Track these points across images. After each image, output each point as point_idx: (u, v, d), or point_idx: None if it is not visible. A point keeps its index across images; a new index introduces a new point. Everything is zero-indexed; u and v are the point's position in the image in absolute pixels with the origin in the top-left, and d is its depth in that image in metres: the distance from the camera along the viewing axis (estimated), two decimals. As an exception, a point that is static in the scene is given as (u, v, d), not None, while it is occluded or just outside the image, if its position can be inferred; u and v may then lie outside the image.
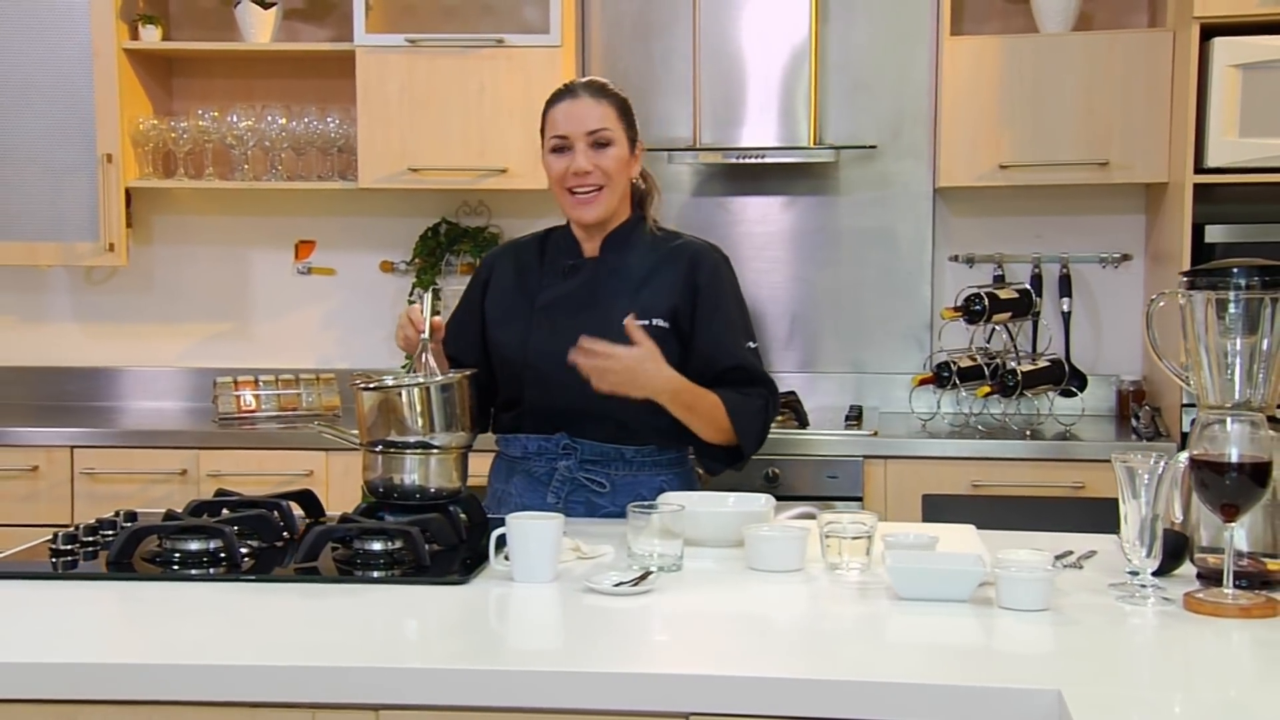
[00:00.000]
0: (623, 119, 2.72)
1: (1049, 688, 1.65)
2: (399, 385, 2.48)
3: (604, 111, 2.69)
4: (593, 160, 2.67)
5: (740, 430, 2.67)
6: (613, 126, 2.69)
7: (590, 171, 2.67)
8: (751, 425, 2.70)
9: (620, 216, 2.77)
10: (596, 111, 2.68)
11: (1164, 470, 2.01)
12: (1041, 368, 4.09)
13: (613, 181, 2.69)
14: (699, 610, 2.07)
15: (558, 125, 2.69)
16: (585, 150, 2.67)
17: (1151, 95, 3.90)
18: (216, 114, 4.28)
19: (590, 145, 2.67)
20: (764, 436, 2.74)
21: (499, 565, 2.21)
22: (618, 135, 2.70)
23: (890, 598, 2.09)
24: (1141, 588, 2.04)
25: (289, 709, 1.77)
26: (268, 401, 4.25)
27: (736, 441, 2.69)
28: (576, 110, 2.69)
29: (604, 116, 2.69)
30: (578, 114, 2.68)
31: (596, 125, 2.67)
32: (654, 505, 2.32)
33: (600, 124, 2.68)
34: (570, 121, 2.68)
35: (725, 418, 2.65)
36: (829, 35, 4.33)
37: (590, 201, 2.69)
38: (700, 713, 1.73)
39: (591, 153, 2.67)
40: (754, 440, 2.71)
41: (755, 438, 2.71)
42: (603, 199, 2.70)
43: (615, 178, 2.70)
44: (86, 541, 2.34)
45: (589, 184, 2.68)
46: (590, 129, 2.67)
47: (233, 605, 2.06)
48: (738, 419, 2.66)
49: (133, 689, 1.76)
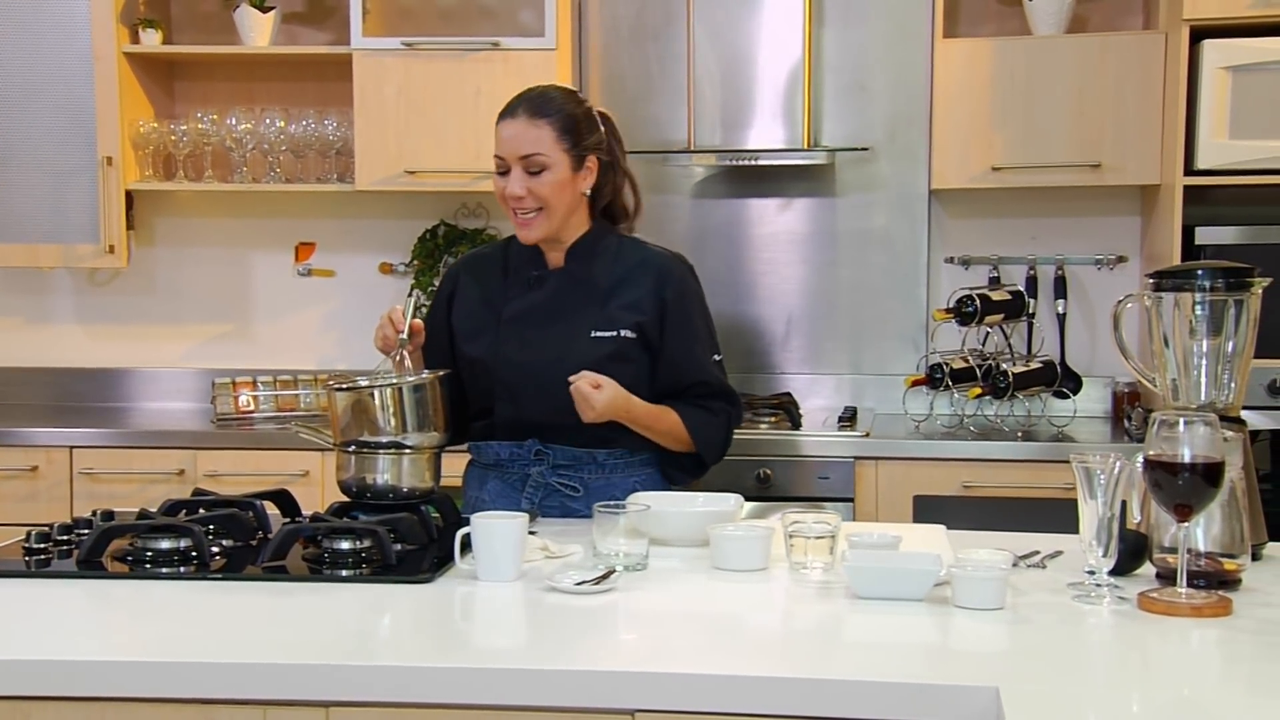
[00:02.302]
0: (564, 138, 2.64)
1: (987, 684, 1.66)
2: (371, 386, 2.51)
3: (539, 135, 2.62)
4: (526, 185, 2.64)
5: (701, 444, 2.74)
6: (548, 150, 2.63)
7: (523, 196, 2.64)
8: (714, 438, 2.76)
9: (578, 229, 2.74)
10: (530, 135, 2.62)
11: (1120, 471, 2.01)
12: (1034, 369, 4.09)
13: (551, 203, 2.66)
14: (660, 609, 2.09)
15: (498, 145, 2.67)
16: (520, 175, 2.64)
17: (1143, 97, 3.90)
18: (216, 117, 4.32)
19: (524, 170, 2.64)
20: (725, 448, 2.80)
21: (464, 564, 2.23)
22: (554, 159, 2.63)
23: (849, 597, 2.10)
24: (1097, 587, 2.05)
25: (241, 705, 1.79)
26: (266, 402, 4.29)
27: (699, 453, 2.75)
28: (511, 132, 2.65)
29: (537, 140, 2.62)
30: (511, 137, 2.64)
31: (529, 150, 2.62)
32: (621, 505, 2.34)
33: (533, 149, 2.62)
34: (505, 144, 2.65)
35: (685, 432, 2.72)
36: (824, 38, 4.34)
37: (529, 224, 2.68)
38: (647, 709, 1.75)
39: (526, 178, 2.64)
40: (715, 452, 2.78)
41: (717, 449, 2.78)
42: (541, 222, 2.67)
43: (552, 201, 2.66)
44: (60, 540, 2.37)
45: (525, 207, 2.66)
46: (523, 154, 2.63)
47: (199, 604, 2.09)
48: (698, 434, 2.73)
49: (86, 686, 1.79)
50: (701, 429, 2.73)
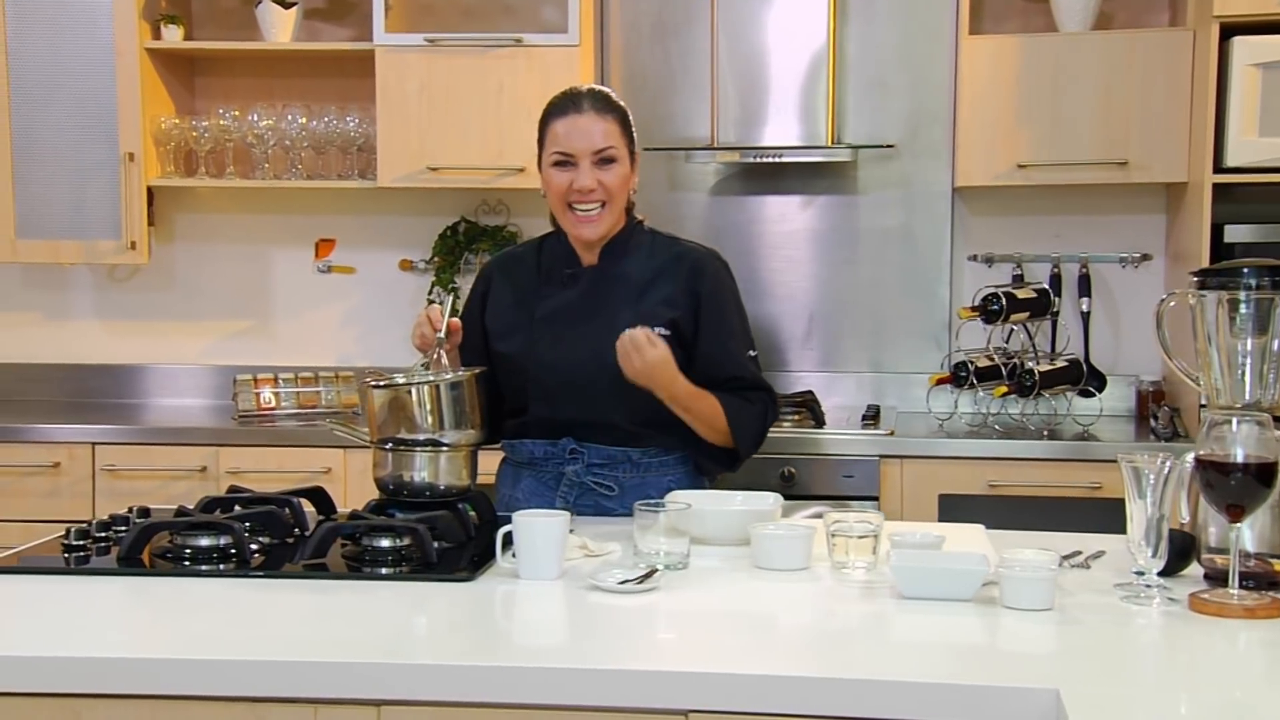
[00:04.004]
0: (625, 134, 2.67)
1: (1047, 687, 1.65)
2: (409, 383, 2.50)
3: (608, 128, 2.64)
4: (597, 177, 2.63)
5: (737, 433, 2.69)
6: (617, 144, 2.64)
7: (594, 189, 2.63)
8: (750, 427, 2.71)
9: (618, 226, 2.74)
10: (601, 128, 2.63)
11: (1170, 470, 2.00)
12: (1060, 368, 4.07)
13: (614, 199, 2.66)
14: (703, 608, 2.07)
15: (559, 141, 2.64)
16: (589, 168, 2.62)
17: (1171, 94, 3.89)
18: (237, 113, 4.31)
19: (595, 163, 2.63)
20: (760, 440, 2.76)
21: (505, 562, 2.22)
22: (621, 152, 2.65)
23: (895, 597, 2.09)
24: (1147, 588, 2.03)
25: (291, 704, 1.78)
26: (287, 399, 4.27)
27: (734, 444, 2.71)
28: (581, 126, 2.63)
29: (608, 133, 2.63)
30: (582, 130, 2.63)
31: (602, 143, 2.62)
32: (661, 503, 2.33)
33: (605, 141, 2.63)
34: (574, 139, 2.63)
35: (723, 419, 2.67)
36: (848, 34, 4.32)
37: (593, 219, 2.66)
38: (700, 710, 1.74)
39: (595, 170, 2.63)
40: (750, 441, 2.73)
41: (752, 439, 2.73)
42: (605, 217, 2.67)
43: (617, 195, 2.66)
44: (99, 537, 2.36)
45: (592, 200, 2.64)
46: (597, 147, 2.62)
47: (240, 601, 2.08)
48: (735, 420, 2.68)
49: (137, 684, 1.78)
50: (738, 415, 2.68)
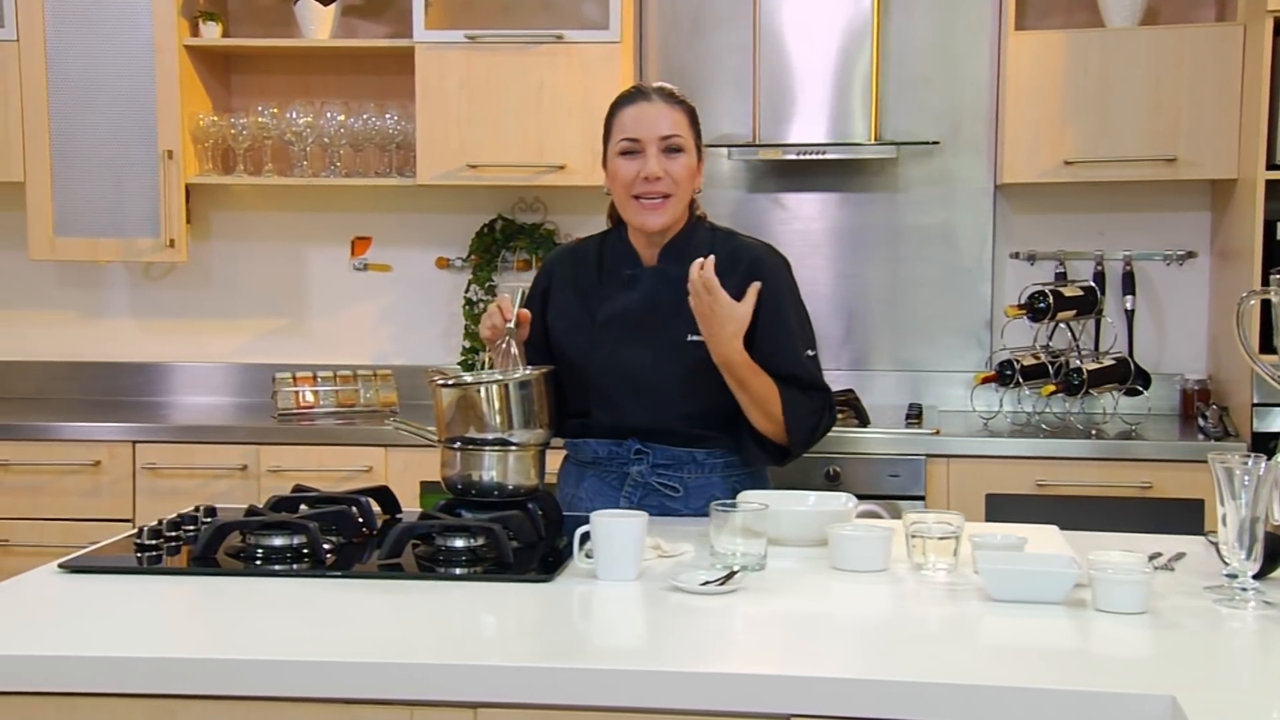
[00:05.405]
0: (692, 127, 2.67)
1: (1162, 693, 1.62)
2: (478, 382, 2.47)
3: (676, 117, 2.64)
4: (664, 166, 2.62)
5: (791, 424, 2.61)
6: (684, 134, 2.64)
7: (661, 177, 2.61)
8: (804, 423, 2.63)
9: (680, 223, 2.71)
10: (669, 116, 2.63)
11: (1264, 472, 1.97)
12: (1107, 366, 4.05)
13: (680, 189, 2.64)
14: (787, 610, 2.05)
15: (627, 128, 2.63)
16: (657, 155, 2.61)
17: (1220, 90, 3.86)
18: (275, 110, 4.28)
19: (662, 150, 2.62)
20: (814, 438, 2.67)
21: (582, 563, 2.19)
22: (688, 143, 2.65)
23: (980, 599, 2.06)
24: (1241, 590, 2.01)
25: (387, 706, 1.76)
26: (326, 398, 4.25)
27: (785, 436, 2.63)
28: (649, 113, 2.63)
29: (676, 122, 2.63)
30: (650, 117, 2.63)
31: (669, 130, 2.62)
32: (734, 504, 2.30)
33: (673, 129, 2.63)
34: (642, 125, 2.63)
35: (778, 406, 2.60)
36: (888, 29, 4.29)
37: (658, 208, 2.64)
38: (802, 714, 1.71)
39: (663, 158, 2.62)
40: (803, 437, 2.64)
41: (805, 435, 2.64)
42: (669, 207, 2.64)
43: (683, 185, 2.65)
44: (170, 536, 2.34)
45: (658, 190, 2.62)
46: (664, 134, 2.62)
47: (318, 601, 2.05)
48: (790, 410, 2.61)
49: (229, 684, 1.76)
50: (794, 407, 2.62)
